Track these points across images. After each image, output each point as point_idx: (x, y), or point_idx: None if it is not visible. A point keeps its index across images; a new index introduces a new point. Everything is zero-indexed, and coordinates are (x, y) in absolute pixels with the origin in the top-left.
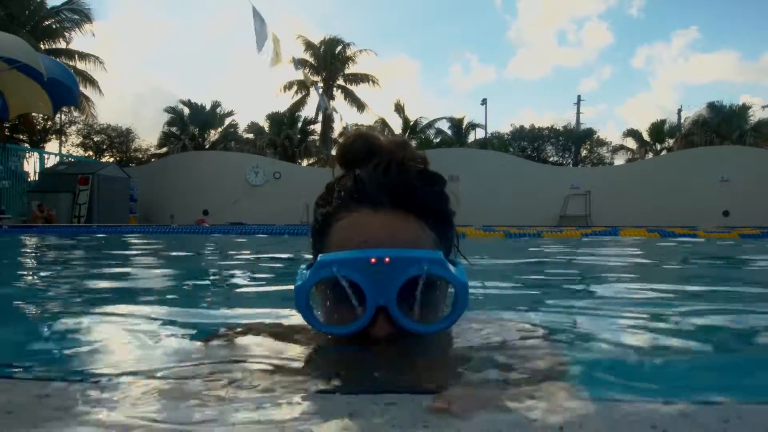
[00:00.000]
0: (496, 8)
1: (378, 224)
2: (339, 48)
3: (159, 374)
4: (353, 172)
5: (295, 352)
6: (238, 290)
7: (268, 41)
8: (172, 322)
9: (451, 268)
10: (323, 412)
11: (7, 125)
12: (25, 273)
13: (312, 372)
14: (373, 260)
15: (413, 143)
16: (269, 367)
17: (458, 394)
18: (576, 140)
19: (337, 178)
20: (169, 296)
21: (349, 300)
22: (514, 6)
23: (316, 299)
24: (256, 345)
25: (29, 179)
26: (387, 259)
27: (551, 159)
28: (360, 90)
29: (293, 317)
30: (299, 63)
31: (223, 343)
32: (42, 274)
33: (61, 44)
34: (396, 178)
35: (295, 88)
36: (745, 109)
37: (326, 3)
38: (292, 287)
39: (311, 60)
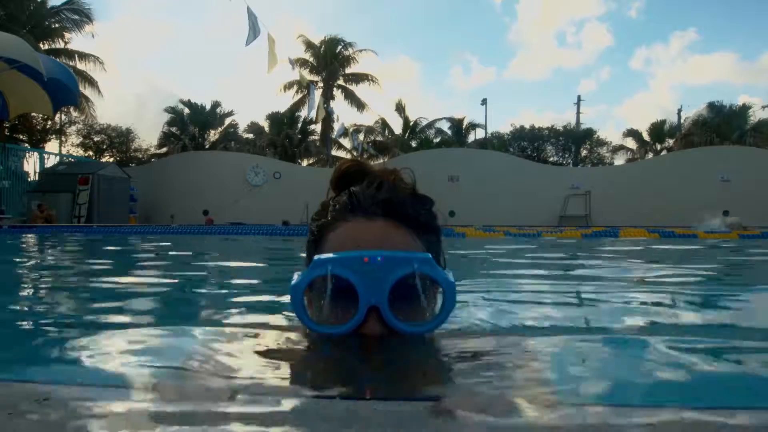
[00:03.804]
0: (496, 10)
1: (371, 231)
2: (339, 48)
3: (159, 377)
4: (348, 189)
5: (291, 356)
6: (237, 290)
7: (263, 43)
8: (172, 323)
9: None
10: (322, 415)
11: (7, 125)
12: (25, 274)
13: (310, 377)
14: (366, 259)
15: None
16: (267, 371)
17: (456, 399)
18: (576, 140)
19: (332, 196)
20: (169, 297)
21: (342, 300)
22: (514, 8)
23: (311, 301)
24: (253, 347)
25: (29, 179)
26: (379, 259)
27: (551, 159)
28: (360, 90)
29: (291, 317)
30: (296, 63)
31: (222, 345)
32: (42, 274)
33: (61, 44)
34: (388, 193)
35: (295, 88)
36: (745, 109)
37: (327, 4)
38: (289, 286)
39: (311, 60)
